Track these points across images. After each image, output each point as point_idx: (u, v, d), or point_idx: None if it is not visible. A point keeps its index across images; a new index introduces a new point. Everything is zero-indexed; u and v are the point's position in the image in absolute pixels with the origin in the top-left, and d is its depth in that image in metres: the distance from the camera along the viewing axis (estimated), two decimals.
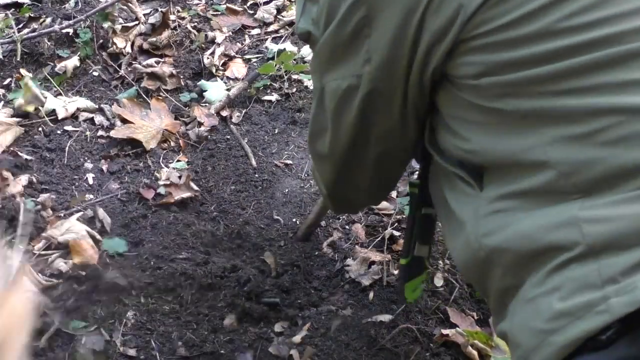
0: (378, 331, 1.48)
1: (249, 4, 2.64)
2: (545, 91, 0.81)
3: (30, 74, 2.20)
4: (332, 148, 1.12)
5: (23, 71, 2.21)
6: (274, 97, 2.22)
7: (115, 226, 1.76)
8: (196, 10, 2.56)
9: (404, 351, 1.45)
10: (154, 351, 1.46)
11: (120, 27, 2.40)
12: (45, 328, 1.46)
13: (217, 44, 2.41)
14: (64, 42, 2.33)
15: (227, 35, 2.47)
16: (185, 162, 1.99)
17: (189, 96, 2.22)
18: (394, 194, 1.89)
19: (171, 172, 1.93)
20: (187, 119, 2.13)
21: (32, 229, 1.68)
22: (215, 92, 2.21)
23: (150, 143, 2.02)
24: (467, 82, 0.88)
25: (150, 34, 2.41)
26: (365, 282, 1.62)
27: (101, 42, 2.34)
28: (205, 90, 2.23)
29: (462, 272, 1.04)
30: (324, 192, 1.27)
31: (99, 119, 2.11)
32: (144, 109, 2.13)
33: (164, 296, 1.59)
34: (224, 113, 2.16)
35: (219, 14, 2.57)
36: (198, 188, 1.90)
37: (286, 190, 1.93)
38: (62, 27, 2.30)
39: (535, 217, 0.81)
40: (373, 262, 1.67)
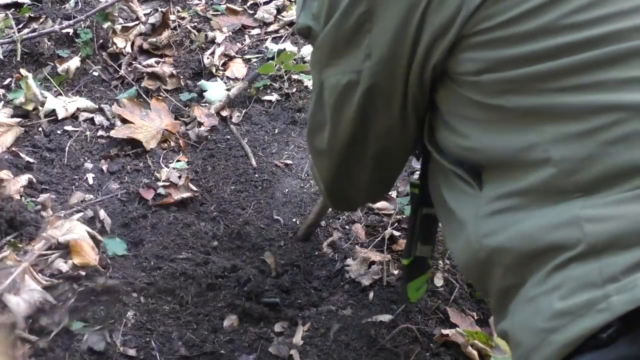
0: (378, 331, 1.48)
1: (249, 4, 2.64)
2: (546, 88, 0.81)
3: (30, 74, 2.20)
4: (331, 144, 1.12)
5: (23, 71, 2.21)
6: (274, 97, 2.22)
7: (115, 226, 1.76)
8: (196, 10, 2.56)
9: (404, 351, 1.45)
10: (154, 351, 1.46)
11: (120, 27, 2.40)
12: (45, 328, 1.46)
13: (217, 44, 2.41)
14: (64, 42, 2.33)
15: (227, 35, 2.47)
16: (185, 162, 2.00)
17: (189, 96, 2.22)
18: (394, 194, 1.89)
19: (171, 172, 1.93)
20: (187, 119, 2.13)
21: (32, 229, 1.69)
22: (215, 92, 2.21)
23: (150, 143, 2.02)
24: (467, 79, 0.88)
25: (150, 34, 2.41)
26: (365, 282, 1.62)
27: (101, 42, 2.34)
28: (205, 90, 2.23)
29: (462, 272, 1.04)
30: (322, 189, 1.27)
31: (99, 119, 2.11)
32: (144, 109, 2.13)
33: (164, 296, 1.59)
34: (224, 113, 2.16)
35: (219, 14, 2.57)
36: (198, 188, 1.90)
37: (286, 190, 1.93)
38: (62, 27, 2.31)
39: (536, 216, 0.81)
40: (373, 262, 1.67)
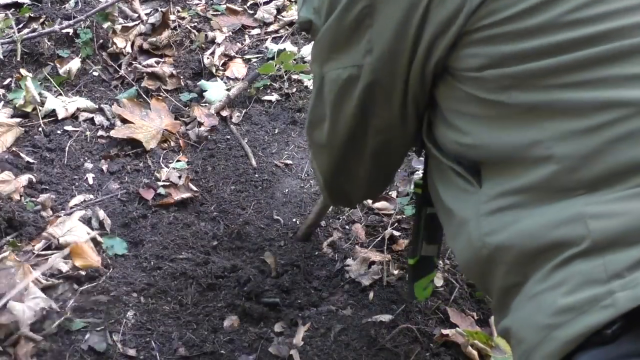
0: (378, 331, 1.48)
1: (249, 4, 2.64)
2: (548, 84, 0.81)
3: (30, 74, 2.20)
4: (331, 139, 1.12)
5: (23, 71, 2.21)
6: (274, 97, 2.22)
7: (115, 226, 1.76)
8: (196, 10, 2.56)
9: (404, 351, 1.45)
10: (154, 351, 1.46)
11: (120, 27, 2.40)
12: (45, 328, 1.46)
13: (217, 44, 2.41)
14: (64, 42, 2.33)
15: (227, 35, 2.47)
16: (185, 162, 1.99)
17: (189, 96, 2.22)
18: (394, 194, 1.90)
19: (171, 172, 1.93)
20: (187, 119, 2.13)
21: (32, 229, 1.69)
22: (215, 92, 2.21)
23: (150, 143, 2.02)
24: (469, 75, 0.88)
25: (150, 34, 2.41)
26: (365, 282, 1.62)
27: (101, 42, 2.34)
28: (205, 90, 2.23)
29: (463, 271, 1.04)
30: (321, 183, 1.27)
31: (99, 119, 2.11)
32: (144, 109, 2.13)
33: (164, 296, 1.59)
34: (224, 113, 2.16)
35: (219, 14, 2.57)
36: (198, 188, 1.90)
37: (286, 190, 1.93)
38: (62, 27, 2.31)
39: (538, 214, 0.81)
40: (373, 262, 1.67)
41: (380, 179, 1.24)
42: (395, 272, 1.65)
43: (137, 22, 2.43)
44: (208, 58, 2.34)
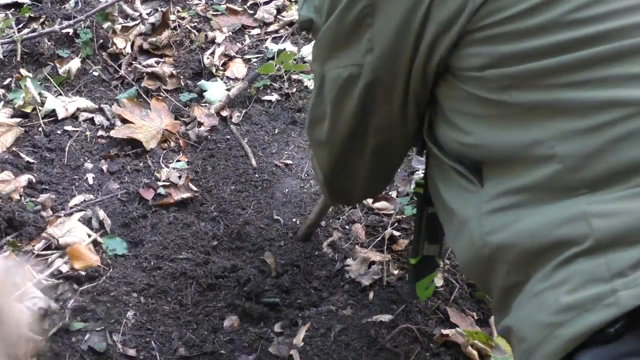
0: (378, 331, 1.48)
1: (249, 4, 2.64)
2: (550, 84, 0.81)
3: (30, 74, 2.20)
4: (331, 137, 1.12)
5: (23, 71, 2.21)
6: (274, 97, 2.22)
7: (115, 226, 1.76)
8: (196, 10, 2.56)
9: (404, 351, 1.45)
10: (154, 351, 1.46)
11: (120, 27, 2.40)
12: (45, 328, 1.46)
13: (217, 44, 2.41)
14: (64, 42, 2.33)
15: (227, 35, 2.47)
16: (185, 162, 1.99)
17: (189, 96, 2.22)
18: (394, 194, 1.89)
19: (171, 172, 1.93)
20: (187, 119, 2.13)
21: (32, 229, 1.69)
22: (215, 92, 2.21)
23: (150, 143, 2.02)
24: (470, 74, 0.88)
25: (150, 34, 2.41)
26: (365, 282, 1.62)
27: (101, 42, 2.34)
28: (205, 90, 2.23)
29: (464, 271, 1.04)
30: (321, 180, 1.27)
31: (99, 119, 2.11)
32: (144, 109, 2.13)
33: (164, 296, 1.59)
34: (224, 113, 2.16)
35: (219, 14, 2.57)
36: (198, 188, 1.90)
37: (286, 190, 1.93)
38: (62, 27, 2.31)
39: (540, 213, 0.81)
40: (373, 262, 1.67)
41: (380, 178, 1.24)
42: (395, 272, 1.65)
43: (137, 22, 2.43)
44: (208, 58, 2.34)
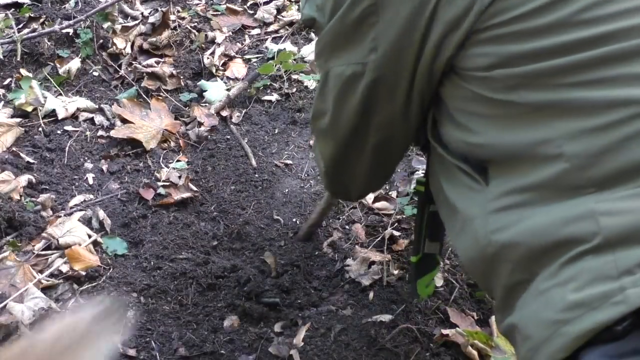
0: (378, 331, 1.48)
1: (249, 4, 2.64)
2: (559, 83, 0.81)
3: (30, 74, 2.20)
4: (333, 132, 1.13)
5: (23, 71, 2.21)
6: (274, 97, 2.22)
7: (115, 226, 1.76)
8: (196, 10, 2.56)
9: (404, 351, 1.45)
10: (154, 351, 1.46)
11: (120, 27, 2.40)
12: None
13: (217, 44, 2.41)
14: (64, 42, 2.33)
15: (227, 35, 2.47)
16: (185, 162, 1.99)
17: (189, 96, 2.22)
18: (394, 194, 1.89)
19: (171, 172, 1.93)
20: (187, 119, 2.13)
21: (32, 229, 1.69)
22: (215, 92, 2.21)
23: (150, 143, 2.02)
24: (476, 74, 0.87)
25: (150, 34, 2.41)
26: (365, 282, 1.62)
27: (101, 42, 2.34)
28: (205, 90, 2.23)
29: (467, 269, 1.04)
30: (322, 169, 1.28)
31: (99, 119, 2.11)
32: (144, 109, 2.13)
33: (164, 296, 1.59)
34: (224, 113, 2.16)
35: (219, 14, 2.57)
36: (198, 188, 1.90)
37: (286, 190, 1.93)
38: (62, 27, 2.31)
39: (547, 211, 0.80)
40: (373, 262, 1.67)
41: (380, 174, 1.25)
42: (395, 272, 1.65)
43: (137, 22, 2.44)
44: (208, 58, 2.34)
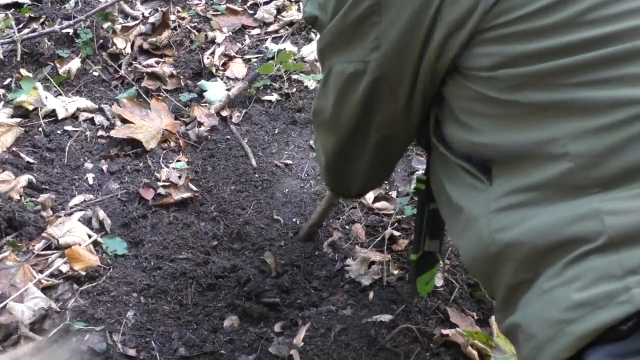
0: (378, 331, 1.48)
1: (249, 4, 2.64)
2: (565, 83, 0.80)
3: (30, 74, 2.20)
4: (335, 129, 1.13)
5: (23, 71, 2.21)
6: (274, 97, 2.22)
7: (115, 226, 1.76)
8: (196, 10, 2.56)
9: (404, 351, 1.45)
10: (154, 351, 1.46)
11: (120, 27, 2.40)
12: (45, 328, 1.46)
13: (217, 44, 2.41)
14: (64, 42, 2.33)
15: (227, 35, 2.47)
16: (185, 162, 1.99)
17: (189, 96, 2.22)
18: (394, 194, 1.89)
19: (171, 172, 1.93)
20: (187, 119, 2.13)
21: (32, 229, 1.69)
22: (215, 92, 2.21)
23: (150, 143, 2.02)
24: (480, 74, 0.87)
25: (150, 34, 2.41)
26: (365, 282, 1.62)
27: (101, 42, 2.34)
28: (205, 90, 2.23)
29: (468, 268, 1.03)
30: (322, 163, 1.28)
31: (99, 119, 2.11)
32: (144, 109, 2.13)
33: (164, 296, 1.59)
34: (224, 113, 2.16)
35: (219, 14, 2.57)
36: (198, 188, 1.90)
37: (286, 190, 1.93)
38: (62, 27, 2.31)
39: (552, 211, 0.80)
40: (373, 262, 1.67)
41: (380, 172, 1.25)
42: (395, 272, 1.65)
43: (137, 22, 2.44)
44: (208, 58, 2.34)
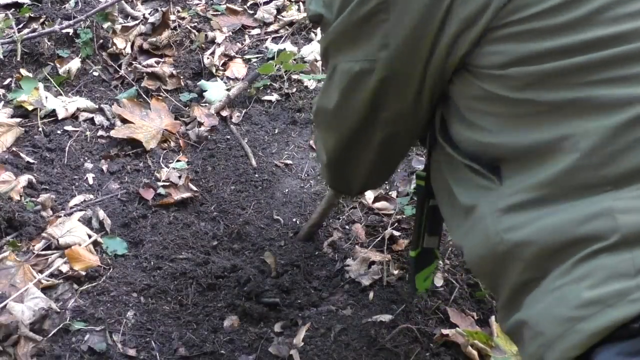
0: (378, 331, 1.48)
1: (249, 4, 2.64)
2: (580, 82, 0.80)
3: (30, 74, 2.20)
4: (339, 127, 1.12)
5: (23, 71, 2.21)
6: (274, 97, 2.22)
7: (115, 226, 1.76)
8: (196, 10, 2.56)
9: (404, 351, 1.45)
10: (154, 351, 1.46)
11: (120, 27, 2.40)
12: (45, 328, 1.46)
13: (217, 44, 2.41)
14: (64, 42, 2.33)
15: (227, 35, 2.47)
16: (185, 162, 1.99)
17: (189, 96, 2.22)
18: (394, 194, 1.89)
19: (171, 172, 1.93)
20: (187, 119, 2.13)
21: (32, 229, 1.69)
22: (215, 92, 2.21)
23: (150, 143, 2.02)
24: (490, 72, 0.86)
25: (150, 34, 2.41)
26: (365, 282, 1.62)
27: (101, 42, 2.34)
28: (205, 90, 2.23)
29: (472, 267, 1.03)
30: (324, 162, 1.27)
31: (99, 119, 2.11)
32: (144, 109, 2.13)
33: (164, 296, 1.59)
34: (224, 113, 2.16)
35: (219, 14, 2.57)
36: (198, 188, 1.90)
37: (286, 190, 1.93)
38: (62, 27, 2.31)
39: (563, 210, 0.80)
40: (373, 262, 1.67)
41: (383, 171, 1.25)
42: (395, 272, 1.65)
43: (137, 22, 2.44)
44: (208, 58, 2.34)
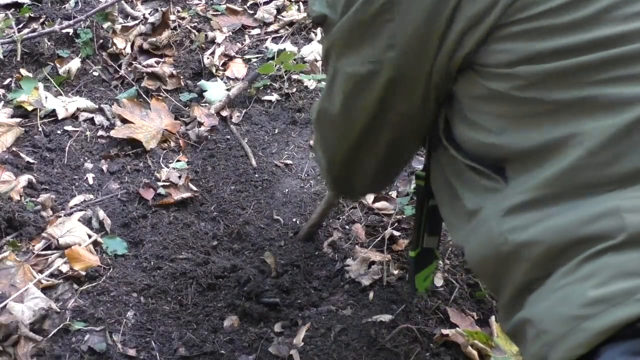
0: (378, 331, 1.48)
1: (249, 4, 2.64)
2: (592, 80, 0.80)
3: (30, 74, 2.20)
4: (344, 131, 1.11)
5: (23, 71, 2.21)
6: (274, 97, 2.22)
7: (115, 226, 1.76)
8: (196, 10, 2.56)
9: (404, 351, 1.45)
10: (154, 351, 1.46)
11: (120, 27, 2.40)
12: (45, 328, 1.46)
13: (217, 44, 2.41)
14: (64, 42, 2.33)
15: (227, 35, 2.47)
16: (185, 162, 1.99)
17: (189, 96, 2.22)
18: (394, 194, 1.89)
19: (171, 172, 1.93)
20: (187, 119, 2.14)
21: (32, 229, 1.69)
22: (215, 92, 2.21)
23: (150, 143, 2.02)
24: (496, 71, 0.86)
25: (150, 34, 2.41)
26: (365, 282, 1.62)
27: (101, 42, 2.34)
28: (205, 90, 2.23)
29: (474, 268, 1.02)
30: (324, 167, 1.25)
31: (99, 119, 2.11)
32: (144, 109, 2.13)
33: (164, 296, 1.59)
34: (224, 113, 2.16)
35: (219, 14, 2.57)
36: (198, 188, 1.90)
37: (286, 190, 1.93)
38: (62, 27, 2.31)
39: (569, 209, 0.79)
40: (373, 262, 1.66)
41: (388, 174, 1.24)
42: (395, 272, 1.65)
43: (137, 22, 2.44)
44: (208, 58, 2.34)
